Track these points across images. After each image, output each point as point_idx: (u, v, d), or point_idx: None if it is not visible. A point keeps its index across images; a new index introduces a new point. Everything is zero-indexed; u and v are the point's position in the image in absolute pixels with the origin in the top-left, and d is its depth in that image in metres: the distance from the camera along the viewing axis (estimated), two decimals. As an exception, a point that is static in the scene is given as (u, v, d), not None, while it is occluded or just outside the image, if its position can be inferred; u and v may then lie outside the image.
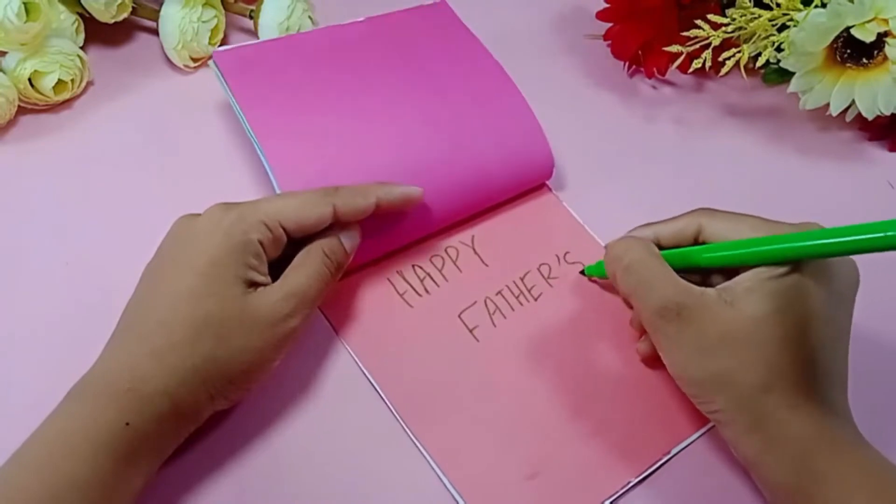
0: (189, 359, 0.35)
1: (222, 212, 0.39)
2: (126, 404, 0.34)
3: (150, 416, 0.34)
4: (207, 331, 0.36)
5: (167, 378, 0.35)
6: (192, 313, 0.36)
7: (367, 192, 0.42)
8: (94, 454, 0.33)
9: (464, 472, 0.40)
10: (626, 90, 0.60)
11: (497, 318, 0.45)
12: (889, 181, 0.55)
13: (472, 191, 0.48)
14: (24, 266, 0.46)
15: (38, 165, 0.51)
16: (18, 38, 0.50)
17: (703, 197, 0.52)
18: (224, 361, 0.36)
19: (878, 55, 0.51)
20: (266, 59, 0.50)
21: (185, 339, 0.36)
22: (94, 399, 0.34)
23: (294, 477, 0.39)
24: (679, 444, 0.41)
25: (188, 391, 0.35)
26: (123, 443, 0.33)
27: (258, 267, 0.39)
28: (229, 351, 0.36)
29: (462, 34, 0.55)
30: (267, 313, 0.38)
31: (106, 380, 0.35)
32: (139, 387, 0.34)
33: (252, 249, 0.38)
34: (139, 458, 0.34)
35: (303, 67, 0.50)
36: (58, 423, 0.34)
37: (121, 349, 0.36)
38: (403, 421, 0.41)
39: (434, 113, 0.49)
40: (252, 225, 0.38)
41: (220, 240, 0.38)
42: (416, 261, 0.47)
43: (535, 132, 0.51)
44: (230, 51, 0.50)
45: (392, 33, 0.54)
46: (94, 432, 0.33)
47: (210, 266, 0.37)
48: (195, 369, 0.35)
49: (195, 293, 0.36)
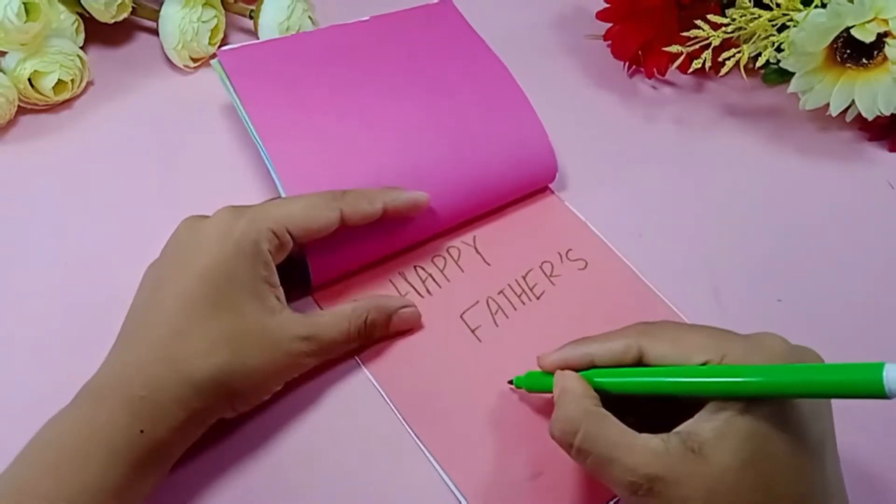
0: (204, 369, 0.35)
1: (232, 218, 0.39)
2: (140, 411, 0.34)
3: (164, 423, 0.34)
4: (224, 343, 0.36)
5: (181, 387, 0.35)
6: (209, 324, 0.36)
7: (374, 197, 0.43)
8: (108, 460, 0.33)
9: (467, 473, 0.40)
10: (626, 90, 0.60)
11: (499, 317, 0.45)
12: (889, 181, 0.55)
13: (476, 193, 0.48)
14: (24, 266, 0.46)
15: (38, 165, 0.51)
16: (18, 38, 0.50)
17: (704, 197, 0.53)
18: (237, 374, 0.36)
19: (878, 55, 0.51)
20: (270, 59, 0.50)
21: (202, 350, 0.36)
22: (109, 403, 0.34)
23: (297, 478, 0.39)
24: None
25: (200, 400, 0.36)
26: (137, 449, 0.33)
27: (268, 278, 0.39)
28: (243, 366, 0.37)
29: (467, 34, 0.55)
30: (286, 344, 0.38)
31: (119, 384, 0.35)
32: (154, 395, 0.34)
33: (262, 259, 0.39)
34: (151, 463, 0.34)
35: (307, 67, 0.50)
36: (71, 426, 0.34)
37: (133, 353, 0.36)
38: (406, 422, 0.41)
39: (438, 115, 0.49)
40: (261, 233, 0.39)
41: (231, 250, 0.38)
42: (418, 261, 0.47)
43: (539, 136, 0.51)
44: (234, 50, 0.49)
45: (396, 33, 0.53)
46: (108, 438, 0.33)
47: (225, 278, 0.37)
48: (209, 379, 0.36)
49: (212, 304, 0.37)
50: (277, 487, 0.39)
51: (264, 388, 0.39)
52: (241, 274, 0.38)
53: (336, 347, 0.41)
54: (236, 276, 0.37)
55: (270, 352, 0.38)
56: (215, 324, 0.36)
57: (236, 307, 0.37)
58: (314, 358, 0.40)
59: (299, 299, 0.45)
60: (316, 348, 0.40)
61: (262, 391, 0.39)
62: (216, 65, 0.49)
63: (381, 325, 0.43)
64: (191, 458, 0.39)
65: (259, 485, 0.39)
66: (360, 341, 0.42)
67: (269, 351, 0.38)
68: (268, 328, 0.38)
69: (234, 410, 0.38)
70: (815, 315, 0.47)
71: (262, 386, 0.38)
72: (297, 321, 0.39)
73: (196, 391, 0.35)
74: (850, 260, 0.50)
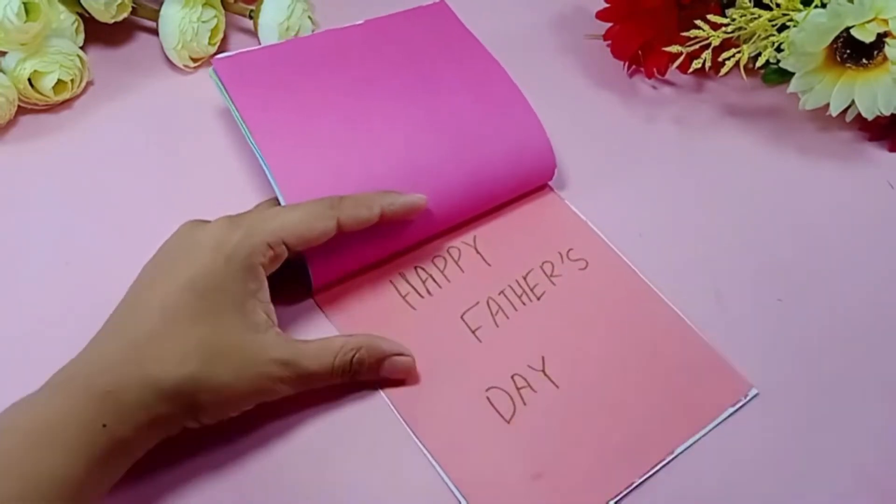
0: (171, 376, 0.35)
1: (227, 230, 0.39)
2: (105, 407, 0.34)
3: (127, 422, 0.34)
4: (196, 354, 0.36)
5: (146, 390, 0.35)
6: (184, 332, 0.36)
7: (371, 202, 0.43)
8: (71, 450, 0.33)
9: (468, 473, 0.40)
10: (626, 90, 0.60)
11: (500, 318, 0.45)
12: (889, 181, 0.55)
13: (475, 192, 0.48)
14: (25, 266, 0.46)
15: (38, 165, 0.51)
16: (18, 38, 0.50)
17: (704, 197, 0.53)
18: (203, 387, 0.36)
19: (878, 55, 0.51)
20: (265, 66, 0.50)
21: (173, 358, 0.36)
22: (75, 394, 0.34)
23: (298, 479, 0.39)
24: (682, 444, 0.41)
25: (163, 406, 0.35)
26: (98, 443, 0.33)
27: (257, 293, 0.39)
28: (211, 380, 0.36)
29: (462, 35, 0.55)
30: (261, 366, 0.38)
31: (88, 377, 0.35)
32: (119, 394, 0.34)
33: (253, 273, 0.39)
34: (113, 458, 0.34)
35: (303, 72, 0.50)
36: (38, 413, 0.34)
37: (107, 347, 0.36)
38: (407, 422, 0.41)
39: (435, 114, 0.49)
40: (256, 247, 0.39)
41: (221, 262, 0.38)
42: (419, 262, 0.47)
43: (537, 133, 0.51)
44: (229, 58, 0.49)
45: (391, 36, 0.53)
46: (72, 429, 0.33)
47: (211, 290, 0.37)
48: (174, 388, 0.35)
49: (193, 314, 0.37)
50: (278, 487, 0.39)
51: (231, 405, 0.38)
52: (228, 287, 0.38)
53: (316, 380, 0.40)
54: (223, 289, 0.38)
55: (243, 370, 0.37)
56: (192, 333, 0.36)
57: (217, 320, 0.37)
58: (289, 385, 0.39)
59: (301, 301, 0.45)
60: (293, 376, 0.39)
61: (229, 408, 0.38)
62: (212, 73, 0.49)
63: (370, 366, 0.41)
64: (190, 456, 0.39)
65: (260, 485, 0.39)
66: (343, 379, 0.41)
67: (242, 369, 0.37)
68: (246, 346, 0.37)
69: (198, 422, 0.37)
70: (815, 315, 0.47)
71: (228, 403, 0.38)
72: (279, 344, 0.39)
73: (160, 397, 0.35)
74: (851, 260, 0.50)
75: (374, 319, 0.45)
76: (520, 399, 0.42)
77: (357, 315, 0.45)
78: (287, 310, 0.45)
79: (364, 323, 0.44)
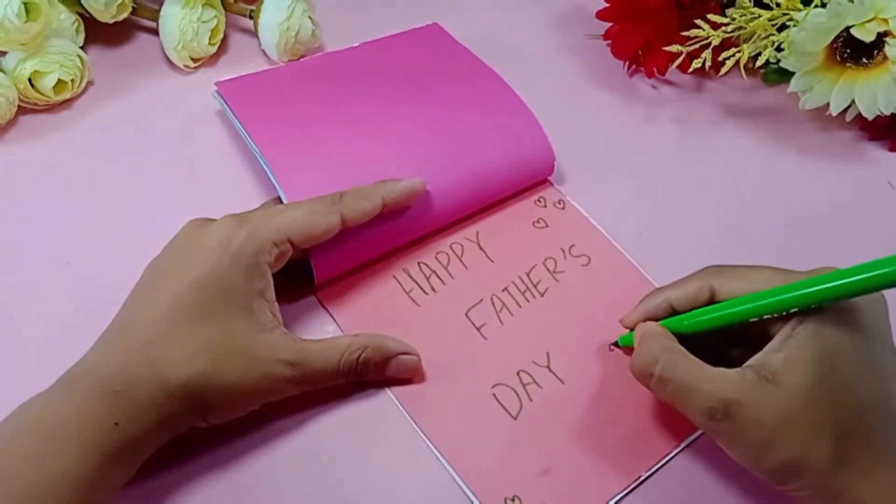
0: (180, 375, 0.35)
1: (233, 228, 0.39)
2: (115, 405, 0.34)
3: (138, 420, 0.34)
4: (204, 354, 0.36)
5: (156, 389, 0.35)
6: (192, 332, 0.36)
7: (372, 194, 0.43)
8: (83, 448, 0.33)
9: (475, 469, 0.40)
10: (626, 90, 0.60)
11: (504, 315, 0.45)
12: (889, 181, 0.55)
13: (475, 188, 0.48)
14: (25, 266, 0.46)
15: (38, 165, 0.51)
16: (18, 38, 0.50)
17: (704, 196, 0.53)
18: (211, 387, 0.36)
19: (878, 55, 0.51)
20: (267, 85, 0.52)
21: (181, 357, 0.36)
22: (85, 393, 0.34)
23: (305, 477, 0.39)
24: (688, 437, 0.41)
25: (172, 405, 0.35)
26: (110, 441, 0.33)
27: (264, 291, 0.39)
28: (219, 380, 0.36)
29: (456, 49, 0.57)
30: (269, 366, 0.38)
31: (98, 375, 0.35)
32: (129, 392, 0.34)
33: (259, 272, 0.39)
34: (124, 456, 0.34)
35: (304, 89, 0.52)
36: (49, 411, 0.34)
37: (116, 346, 0.36)
38: (414, 420, 0.41)
39: (433, 115, 0.50)
40: (261, 245, 0.39)
41: (228, 261, 0.38)
42: (422, 258, 0.47)
43: (533, 127, 0.51)
44: (231, 81, 0.51)
45: (389, 53, 0.56)
46: (84, 427, 0.33)
47: (217, 289, 0.37)
48: (182, 387, 0.35)
49: (200, 313, 0.37)
50: (285, 485, 0.39)
51: (239, 405, 0.38)
52: (235, 286, 0.38)
53: (322, 379, 0.40)
54: (230, 288, 0.37)
55: (250, 370, 0.37)
56: (199, 333, 0.36)
57: (224, 320, 0.37)
58: (296, 386, 0.39)
59: (303, 298, 0.45)
60: (299, 376, 0.38)
61: (237, 408, 0.38)
62: (215, 96, 0.51)
63: (375, 365, 0.41)
64: (194, 455, 0.39)
65: (266, 483, 0.39)
66: (350, 378, 0.40)
67: (249, 369, 0.37)
68: (253, 346, 0.37)
69: (206, 421, 0.37)
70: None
71: (235, 403, 0.38)
72: (286, 344, 0.38)
73: (169, 396, 0.35)
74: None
75: (378, 316, 0.45)
76: (526, 395, 0.42)
77: (361, 312, 0.45)
78: (290, 307, 0.44)
79: (368, 320, 0.44)
